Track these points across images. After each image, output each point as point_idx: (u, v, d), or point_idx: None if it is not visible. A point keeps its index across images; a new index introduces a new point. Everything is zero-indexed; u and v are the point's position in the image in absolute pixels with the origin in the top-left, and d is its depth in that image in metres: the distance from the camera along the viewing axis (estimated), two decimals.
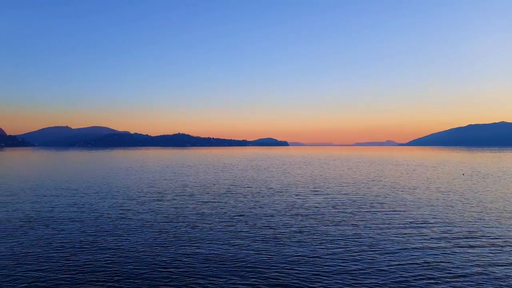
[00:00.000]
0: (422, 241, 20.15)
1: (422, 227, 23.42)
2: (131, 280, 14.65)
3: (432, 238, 20.76)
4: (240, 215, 27.02)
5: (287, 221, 25.02)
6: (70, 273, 15.40)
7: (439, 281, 14.55)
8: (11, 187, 44.23)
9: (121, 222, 24.65)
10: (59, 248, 18.73)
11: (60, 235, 21.27)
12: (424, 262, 16.67)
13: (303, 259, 17.19)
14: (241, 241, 20.05)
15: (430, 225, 23.95)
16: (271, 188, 43.59)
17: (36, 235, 21.25)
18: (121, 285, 14.18)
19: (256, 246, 19.10)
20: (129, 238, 20.76)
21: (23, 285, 14.16)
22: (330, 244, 19.58)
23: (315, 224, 24.25)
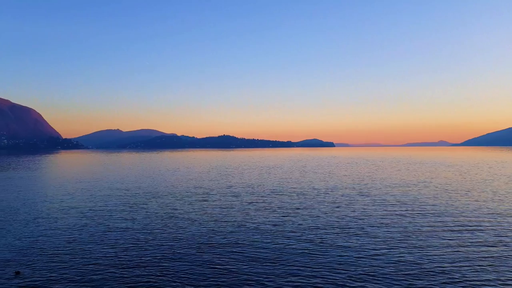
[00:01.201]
0: (475, 244, 19.05)
1: (475, 230, 22.13)
2: (178, 276, 15.06)
3: (485, 240, 19.58)
4: (285, 216, 26.96)
5: (333, 222, 24.63)
6: (121, 267, 16.08)
7: (492, 285, 13.72)
8: (67, 186, 47.01)
9: (169, 221, 25.42)
10: (111, 245, 19.63)
11: (112, 232, 22.31)
12: (478, 266, 15.78)
13: (349, 260, 16.85)
14: (287, 241, 20.00)
15: (484, 228, 22.60)
16: (316, 189, 43.12)
17: (90, 232, 22.43)
18: (169, 281, 14.61)
19: (302, 247, 18.97)
20: (177, 236, 21.36)
21: (78, 278, 14.99)
22: (378, 245, 19.02)
23: (362, 225, 23.66)
